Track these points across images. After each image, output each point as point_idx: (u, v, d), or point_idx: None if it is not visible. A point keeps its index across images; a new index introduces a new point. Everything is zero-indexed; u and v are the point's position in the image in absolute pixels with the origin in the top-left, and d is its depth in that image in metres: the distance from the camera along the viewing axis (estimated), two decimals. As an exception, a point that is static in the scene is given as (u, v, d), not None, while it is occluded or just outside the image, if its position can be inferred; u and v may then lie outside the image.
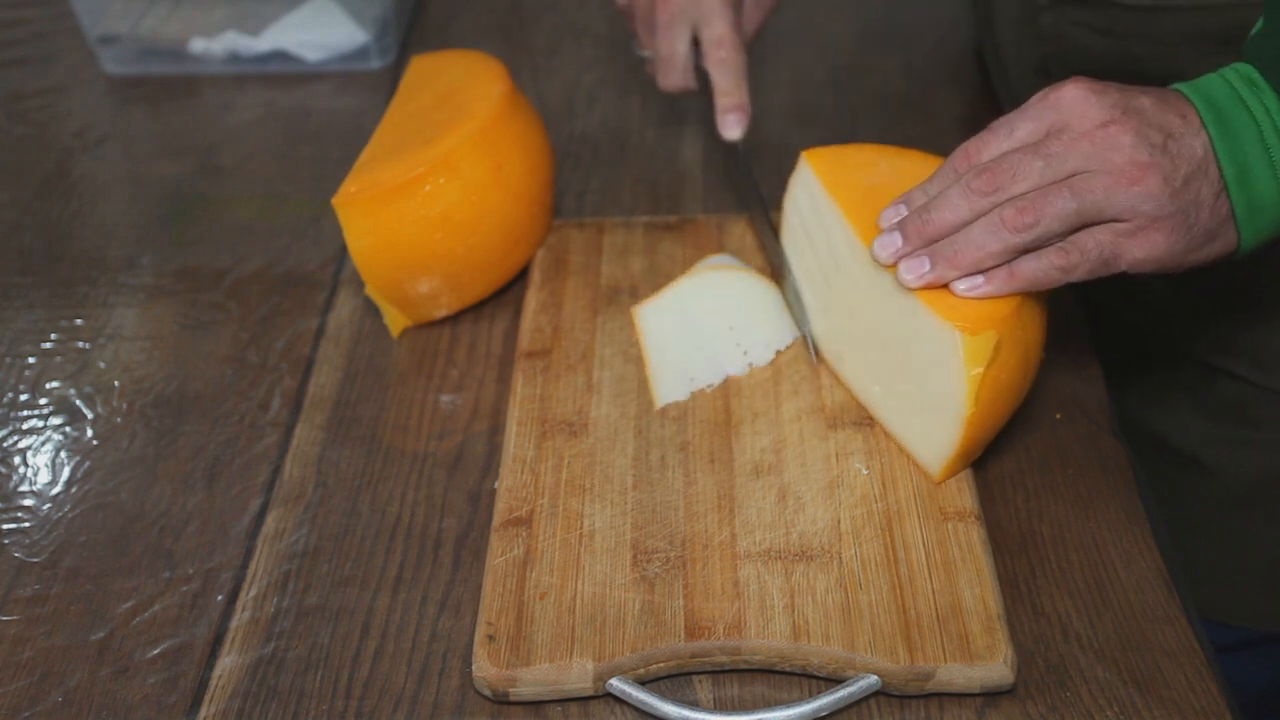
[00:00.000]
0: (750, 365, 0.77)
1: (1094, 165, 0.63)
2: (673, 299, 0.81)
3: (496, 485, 0.73)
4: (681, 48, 0.85)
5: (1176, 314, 0.87)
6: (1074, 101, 0.64)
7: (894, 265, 0.67)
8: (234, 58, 1.14)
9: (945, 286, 0.66)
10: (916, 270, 0.66)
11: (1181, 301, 0.86)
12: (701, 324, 0.79)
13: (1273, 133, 0.63)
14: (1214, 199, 0.63)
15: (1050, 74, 0.67)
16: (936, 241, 0.66)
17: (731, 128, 0.83)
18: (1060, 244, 0.64)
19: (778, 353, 0.78)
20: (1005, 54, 0.95)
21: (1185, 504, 0.86)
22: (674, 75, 0.86)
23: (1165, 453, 0.88)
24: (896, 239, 0.67)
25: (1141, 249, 0.63)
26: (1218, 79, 0.65)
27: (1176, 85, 0.65)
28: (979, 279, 0.65)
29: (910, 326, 0.68)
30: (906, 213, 0.68)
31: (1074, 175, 0.63)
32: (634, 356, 0.79)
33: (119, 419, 0.81)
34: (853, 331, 0.74)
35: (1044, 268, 0.64)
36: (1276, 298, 0.81)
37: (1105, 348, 0.83)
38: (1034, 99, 0.66)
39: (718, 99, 0.83)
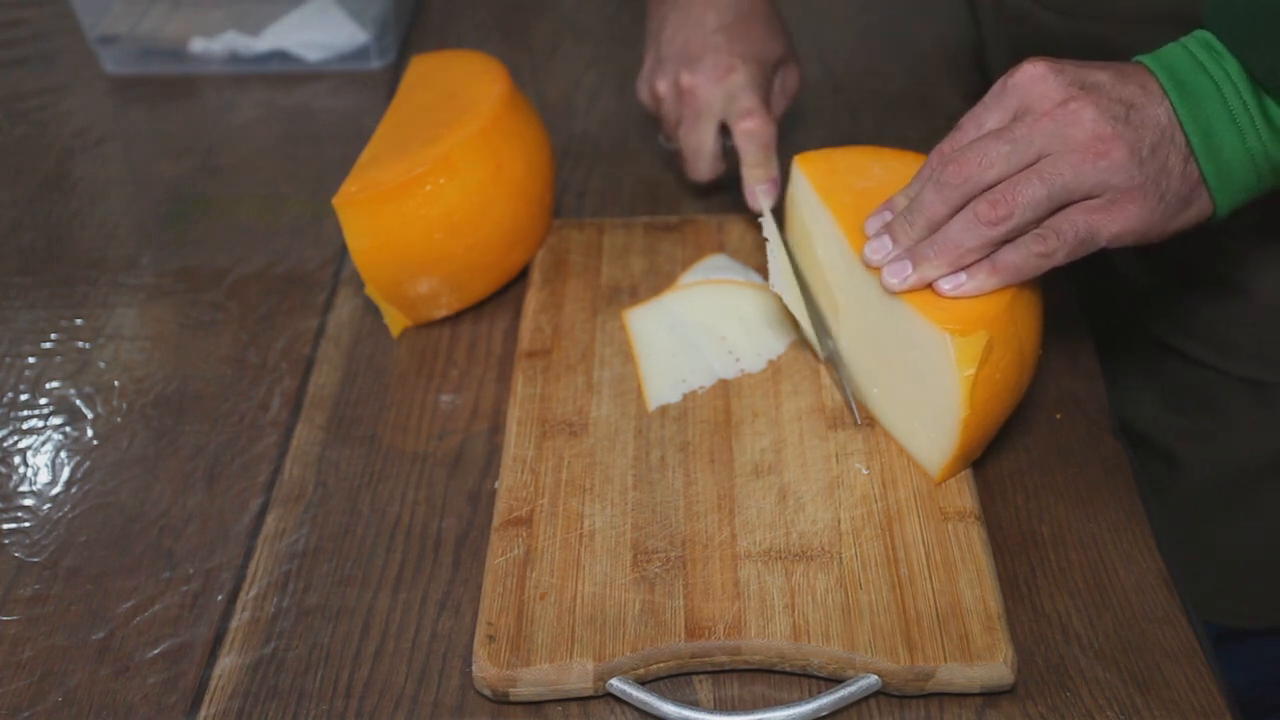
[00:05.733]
0: (742, 371, 0.77)
1: (1058, 145, 0.63)
2: (663, 307, 0.81)
3: (496, 485, 0.73)
4: (709, 139, 0.86)
5: (1139, 295, 0.87)
6: (1032, 82, 0.64)
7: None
8: (234, 58, 1.14)
9: (932, 288, 0.67)
10: (900, 274, 0.67)
11: (1144, 282, 0.86)
12: (692, 331, 0.79)
13: (1234, 96, 0.63)
14: (1183, 165, 0.64)
15: (1018, 55, 0.68)
16: (918, 244, 0.66)
17: (761, 199, 0.84)
18: (1037, 230, 0.64)
19: (770, 362, 0.78)
20: (986, 40, 0.95)
21: (1158, 496, 0.86)
22: (703, 166, 0.87)
23: (1140, 444, 0.88)
24: (887, 242, 0.68)
25: (1117, 222, 0.64)
26: (1177, 48, 0.65)
27: (1138, 57, 0.66)
28: (962, 277, 0.66)
29: (903, 330, 0.68)
30: (890, 218, 0.68)
31: (1041, 157, 0.63)
32: (634, 357, 0.79)
33: (119, 419, 0.81)
34: (850, 333, 0.74)
35: (1024, 256, 0.65)
36: (1235, 280, 0.81)
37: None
38: (994, 86, 0.67)
39: (746, 171, 0.84)
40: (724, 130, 0.86)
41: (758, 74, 0.85)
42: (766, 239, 0.76)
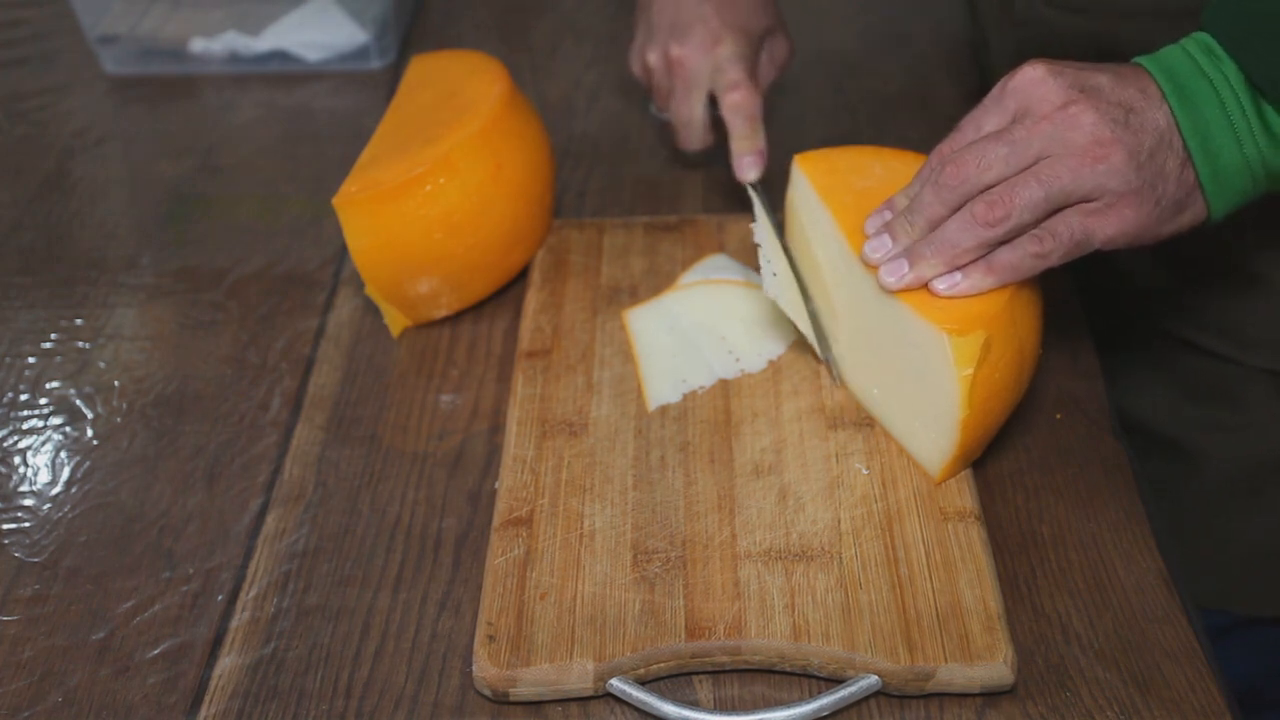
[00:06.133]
0: (742, 371, 0.77)
1: (1057, 148, 0.63)
2: (663, 307, 0.81)
3: (496, 485, 0.73)
4: (699, 110, 0.87)
5: (1151, 290, 0.87)
6: (1032, 84, 0.65)
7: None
8: (234, 58, 1.14)
9: (928, 287, 0.67)
10: (896, 272, 0.67)
11: (1156, 276, 0.86)
12: (692, 331, 0.79)
13: (1233, 100, 0.63)
14: (1179, 169, 0.64)
15: (1024, 55, 0.68)
16: (915, 243, 0.67)
17: (748, 170, 0.85)
18: (1034, 231, 0.65)
19: (770, 362, 0.78)
20: (990, 44, 0.95)
21: (1171, 489, 0.86)
22: (694, 136, 0.89)
23: (1151, 439, 0.88)
24: (886, 241, 0.68)
25: (1113, 226, 0.64)
26: (1177, 50, 0.65)
27: (1137, 59, 0.66)
28: (957, 276, 0.66)
29: (902, 329, 0.68)
30: (890, 218, 0.69)
31: (1039, 160, 0.64)
32: (634, 357, 0.79)
33: (119, 419, 0.81)
34: (850, 334, 0.74)
35: (1020, 256, 0.65)
36: (1253, 270, 0.81)
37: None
38: (995, 89, 0.67)
39: (734, 143, 0.85)
40: (713, 101, 0.87)
41: (744, 45, 0.86)
42: (758, 244, 0.76)
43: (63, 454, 0.79)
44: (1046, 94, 0.64)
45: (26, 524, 0.75)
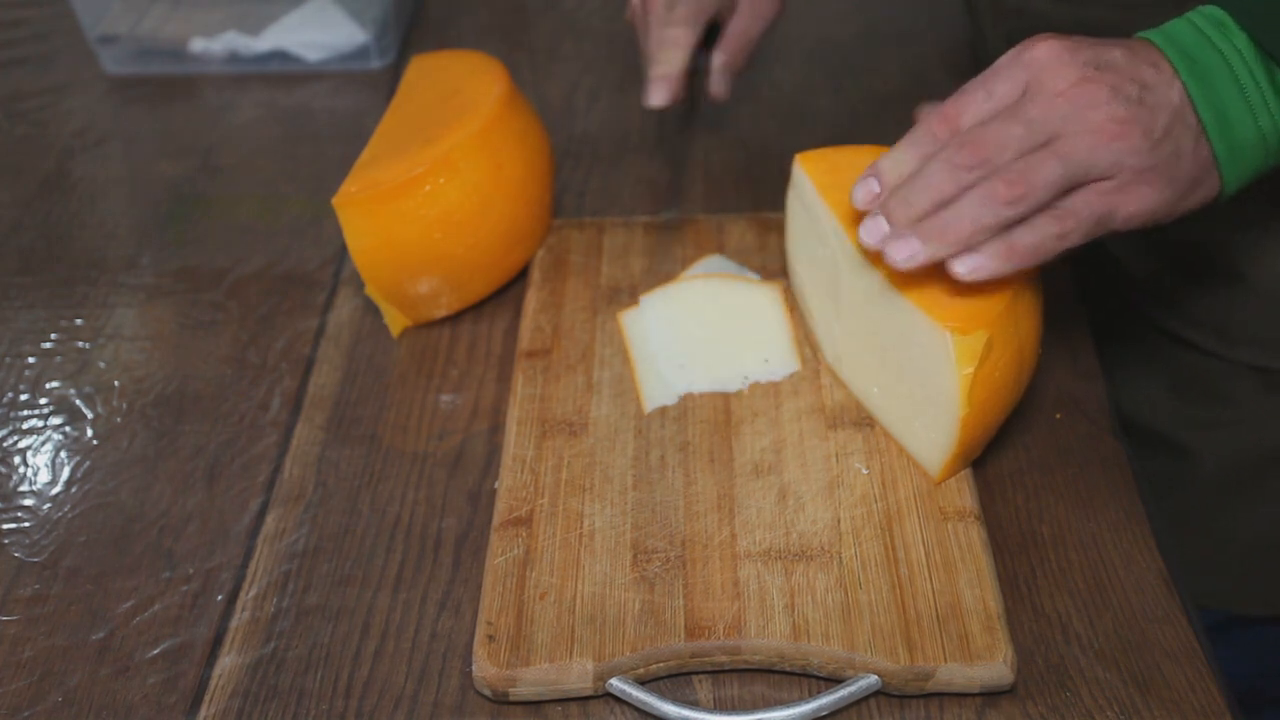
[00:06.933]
0: (744, 373, 0.77)
1: (1073, 125, 0.62)
2: (659, 308, 0.81)
3: (496, 485, 0.73)
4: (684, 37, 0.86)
5: (1145, 284, 0.87)
6: (1047, 59, 0.63)
7: (880, 251, 0.64)
8: (234, 58, 1.14)
9: (936, 286, 0.65)
10: (905, 251, 0.62)
11: (1149, 270, 0.86)
12: (690, 332, 0.79)
13: (1245, 72, 0.62)
14: (1194, 145, 0.63)
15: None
16: (922, 221, 0.63)
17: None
18: (1054, 211, 0.62)
19: (769, 362, 0.77)
20: (984, 35, 0.95)
21: (1164, 487, 0.86)
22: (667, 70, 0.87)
23: (1147, 436, 0.88)
24: (882, 223, 0.64)
25: (1132, 203, 0.63)
26: (1185, 24, 0.64)
27: (1144, 34, 0.65)
28: (980, 259, 0.62)
29: (903, 327, 0.68)
30: (878, 188, 0.65)
31: (1055, 138, 0.62)
32: (630, 359, 0.79)
33: (119, 419, 0.81)
34: (850, 333, 0.74)
35: (1040, 238, 0.62)
36: (1240, 266, 0.81)
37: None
38: (1007, 56, 0.64)
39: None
40: (695, 60, 0.87)
41: None
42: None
43: (63, 454, 0.79)
44: (1061, 69, 0.62)
45: (26, 524, 0.75)
